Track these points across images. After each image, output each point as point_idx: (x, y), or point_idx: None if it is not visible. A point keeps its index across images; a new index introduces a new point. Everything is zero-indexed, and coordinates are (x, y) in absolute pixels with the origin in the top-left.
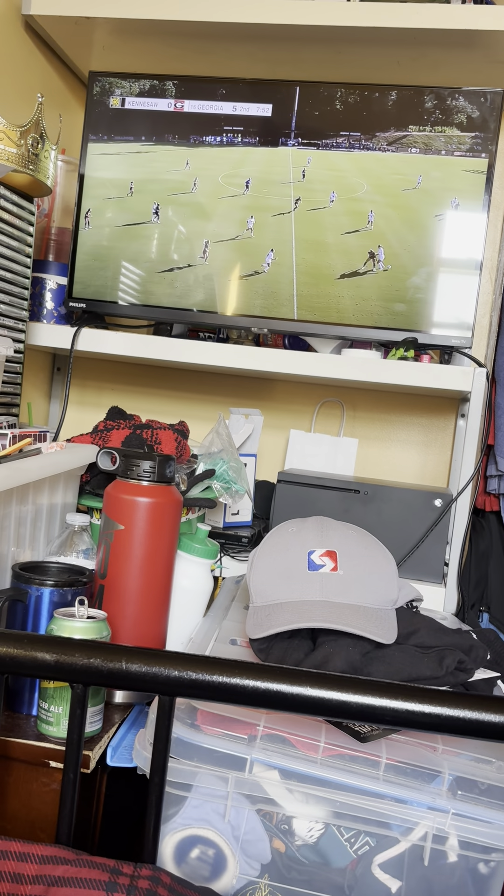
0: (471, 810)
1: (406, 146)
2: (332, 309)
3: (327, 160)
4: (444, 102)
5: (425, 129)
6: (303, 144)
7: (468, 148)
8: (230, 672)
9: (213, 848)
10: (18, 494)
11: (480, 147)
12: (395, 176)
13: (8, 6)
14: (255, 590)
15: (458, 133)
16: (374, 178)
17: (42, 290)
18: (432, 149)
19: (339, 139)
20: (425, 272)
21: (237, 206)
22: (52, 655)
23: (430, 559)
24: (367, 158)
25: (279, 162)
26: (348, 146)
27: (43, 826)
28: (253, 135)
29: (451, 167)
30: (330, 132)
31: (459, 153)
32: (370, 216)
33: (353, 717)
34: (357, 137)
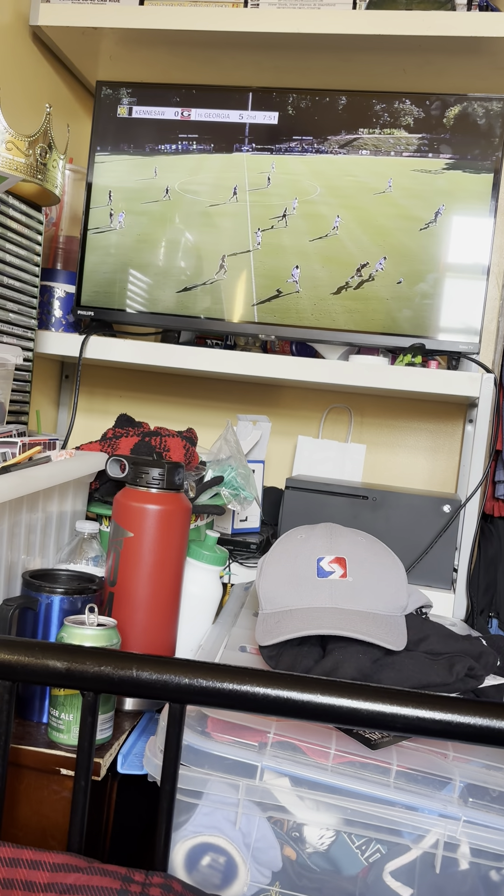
0: (482, 818)
1: (421, 151)
2: (339, 315)
3: (333, 165)
4: (449, 108)
5: (430, 134)
6: (306, 150)
7: (476, 154)
8: (240, 679)
9: (224, 855)
10: (28, 502)
11: (487, 153)
12: (407, 181)
13: (16, 17)
14: (265, 597)
15: (465, 138)
16: (380, 182)
17: (50, 299)
18: (440, 154)
19: (349, 145)
20: (432, 278)
21: (242, 215)
22: (63, 663)
23: (439, 565)
24: (370, 162)
25: (287, 170)
26: (351, 151)
27: (54, 833)
28: (257, 141)
29: (457, 171)
30: (335, 136)
31: (470, 158)
32: None
33: (363, 724)
34: (364, 143)
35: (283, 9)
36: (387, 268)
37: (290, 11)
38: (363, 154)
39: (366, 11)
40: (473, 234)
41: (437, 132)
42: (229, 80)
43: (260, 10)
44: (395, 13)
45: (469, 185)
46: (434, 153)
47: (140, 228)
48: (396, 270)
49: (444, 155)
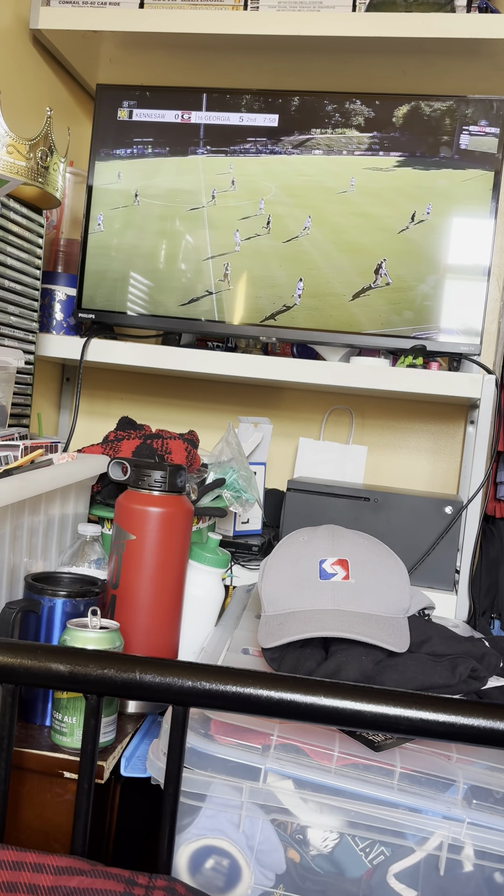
0: (486, 819)
1: (418, 153)
2: (341, 317)
3: (327, 165)
4: (451, 110)
5: (435, 136)
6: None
7: (478, 156)
8: (243, 682)
9: (228, 858)
10: (31, 505)
11: (486, 155)
12: (403, 185)
13: (16, 21)
14: (267, 599)
15: (466, 140)
16: (379, 184)
17: (51, 302)
18: (441, 157)
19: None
20: (433, 280)
21: (242, 216)
22: (65, 666)
23: (441, 566)
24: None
25: (283, 170)
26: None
27: (57, 837)
28: (263, 143)
29: (459, 175)
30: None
31: (469, 161)
32: None
33: (366, 726)
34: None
35: (282, 11)
36: (389, 270)
37: (289, 14)
38: (360, 155)
39: (365, 14)
40: (474, 235)
41: (440, 135)
42: (229, 82)
43: (259, 12)
44: (395, 15)
45: (468, 185)
46: (434, 155)
47: (140, 230)
48: (397, 272)
49: (444, 156)
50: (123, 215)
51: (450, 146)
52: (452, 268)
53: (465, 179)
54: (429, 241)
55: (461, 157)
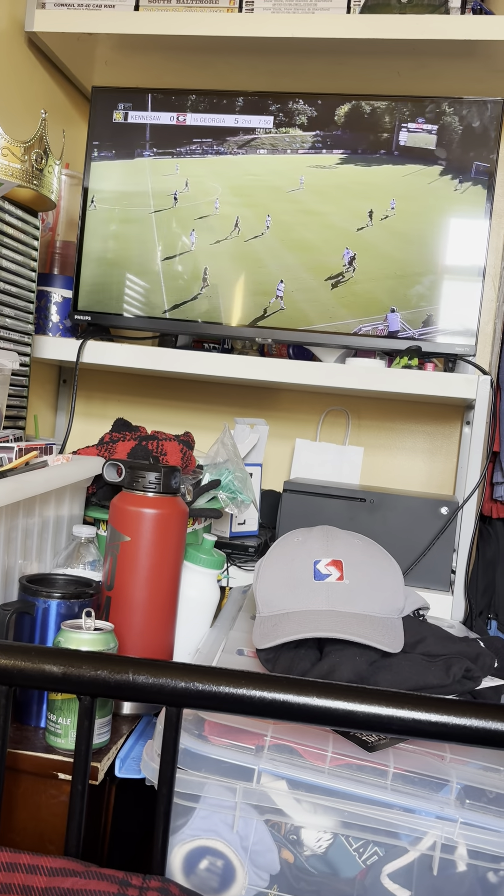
0: (479, 819)
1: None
2: (334, 316)
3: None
4: (443, 112)
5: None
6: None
7: (472, 157)
8: (237, 683)
9: (222, 859)
10: (25, 507)
11: (482, 156)
12: (396, 183)
13: (11, 23)
14: (262, 600)
15: (462, 142)
16: (369, 181)
17: (47, 304)
18: (438, 158)
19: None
20: (429, 280)
21: (237, 216)
22: (59, 668)
23: (437, 567)
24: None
25: (283, 171)
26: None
27: (52, 838)
28: (259, 144)
29: (454, 178)
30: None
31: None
32: None
33: (360, 726)
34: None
35: (277, 13)
36: (390, 269)
37: (284, 16)
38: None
39: (360, 16)
40: (469, 237)
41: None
42: (224, 84)
43: (255, 14)
44: (390, 17)
45: (464, 190)
46: (430, 164)
47: (136, 232)
48: (398, 272)
49: (441, 161)
50: (118, 217)
51: (453, 145)
52: (448, 269)
53: (463, 190)
54: (425, 242)
55: (463, 155)
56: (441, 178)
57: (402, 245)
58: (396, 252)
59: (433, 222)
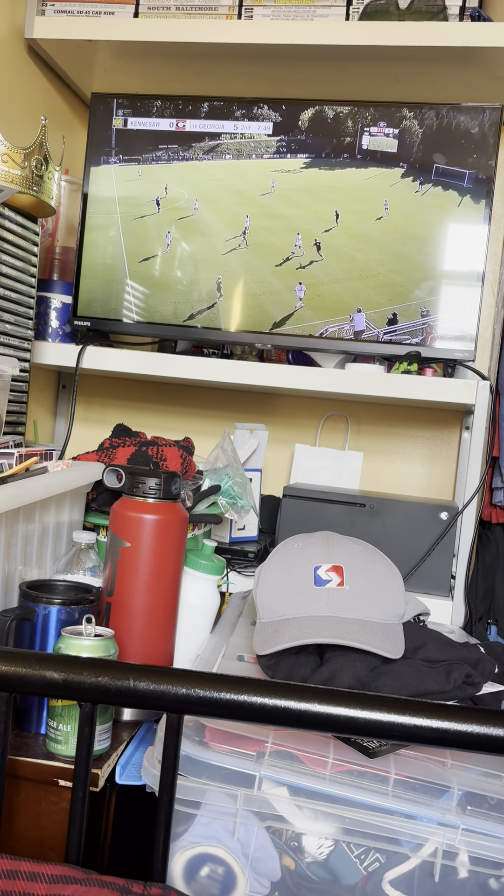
0: (481, 825)
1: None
2: None
3: (322, 177)
4: (444, 118)
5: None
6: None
7: (470, 162)
8: (238, 689)
9: (223, 866)
10: (25, 513)
11: (480, 161)
12: (395, 191)
13: (11, 30)
14: (262, 606)
15: (460, 147)
16: (363, 193)
17: (47, 309)
18: (438, 166)
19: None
20: (428, 286)
21: (237, 222)
22: (60, 674)
23: (437, 572)
24: (347, 175)
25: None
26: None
27: (52, 845)
28: (256, 149)
29: (453, 184)
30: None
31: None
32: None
33: (361, 732)
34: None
35: (276, 20)
36: (389, 274)
37: (283, 23)
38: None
39: (359, 22)
40: (468, 242)
41: (426, 147)
42: (224, 90)
43: (254, 21)
44: (388, 24)
45: (458, 198)
46: (422, 176)
47: (135, 238)
48: (397, 277)
49: (439, 166)
50: (118, 222)
51: (454, 151)
52: (447, 274)
53: (461, 202)
54: (423, 247)
55: (461, 161)
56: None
57: (402, 249)
58: (398, 256)
59: (432, 228)
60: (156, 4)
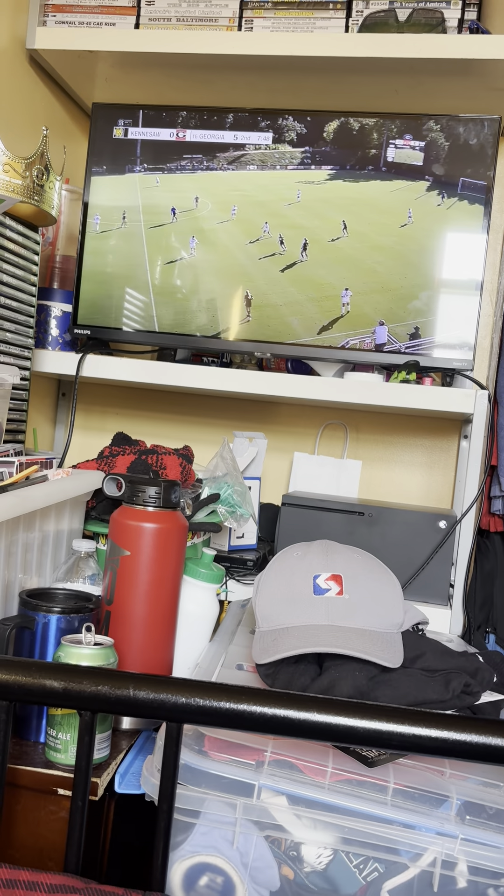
0: (479, 835)
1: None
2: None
3: (329, 188)
4: (442, 129)
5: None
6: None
7: (470, 173)
8: (237, 698)
9: (222, 875)
10: (25, 521)
11: (479, 172)
12: (400, 203)
13: (13, 41)
14: (261, 614)
15: (461, 158)
16: (367, 205)
17: (47, 318)
18: (434, 174)
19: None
20: (426, 295)
21: (236, 231)
22: (59, 683)
23: (436, 581)
24: (364, 188)
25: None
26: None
27: (51, 854)
28: (257, 159)
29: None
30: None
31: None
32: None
33: (360, 741)
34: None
35: (276, 32)
36: (388, 285)
37: (283, 35)
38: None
39: (358, 35)
40: (467, 251)
41: (434, 160)
42: (224, 101)
43: (254, 33)
44: (387, 36)
45: (464, 205)
46: (430, 180)
47: (135, 247)
48: (396, 287)
49: (437, 177)
50: (118, 232)
51: (449, 161)
52: (445, 283)
53: (458, 205)
54: (422, 256)
55: (459, 171)
56: (436, 193)
57: (400, 260)
58: (395, 266)
59: (432, 237)
60: (157, 16)
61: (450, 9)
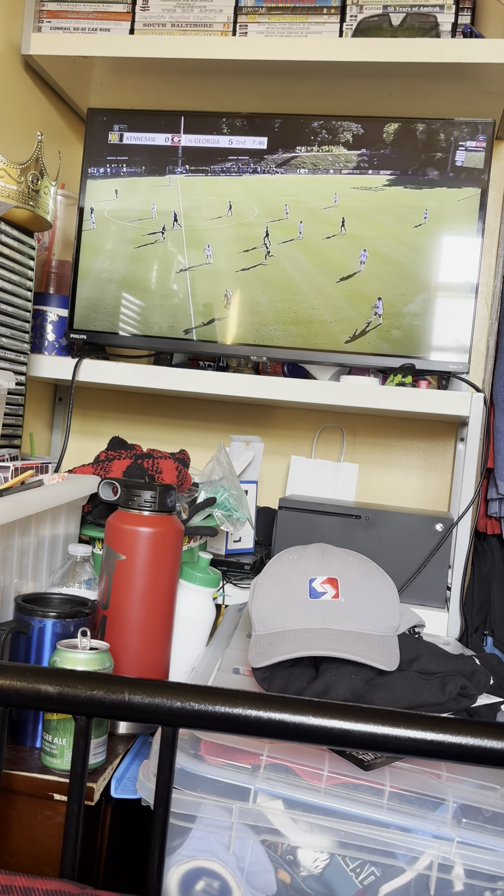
0: (476, 838)
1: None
2: (329, 336)
3: (328, 185)
4: (435, 132)
5: (424, 158)
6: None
7: (464, 177)
8: (233, 702)
9: (219, 880)
10: (21, 526)
11: (473, 175)
12: (399, 208)
13: (8, 47)
14: (257, 618)
15: (454, 161)
16: (373, 207)
17: (43, 323)
18: (429, 178)
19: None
20: (422, 299)
21: (231, 235)
22: (55, 688)
23: (433, 584)
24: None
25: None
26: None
27: (47, 860)
28: (252, 164)
29: (447, 196)
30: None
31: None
32: (362, 255)
33: (355, 745)
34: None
35: (270, 37)
36: (384, 289)
37: (277, 39)
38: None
39: (352, 39)
40: (461, 254)
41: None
42: (219, 106)
43: (248, 38)
44: (381, 41)
45: (459, 204)
46: (425, 175)
47: (131, 252)
48: (392, 291)
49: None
50: (114, 236)
51: (443, 165)
52: (441, 286)
53: (459, 199)
54: (417, 260)
55: (454, 175)
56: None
57: (395, 262)
58: (392, 268)
59: (426, 241)
60: (151, 21)
61: (443, 13)
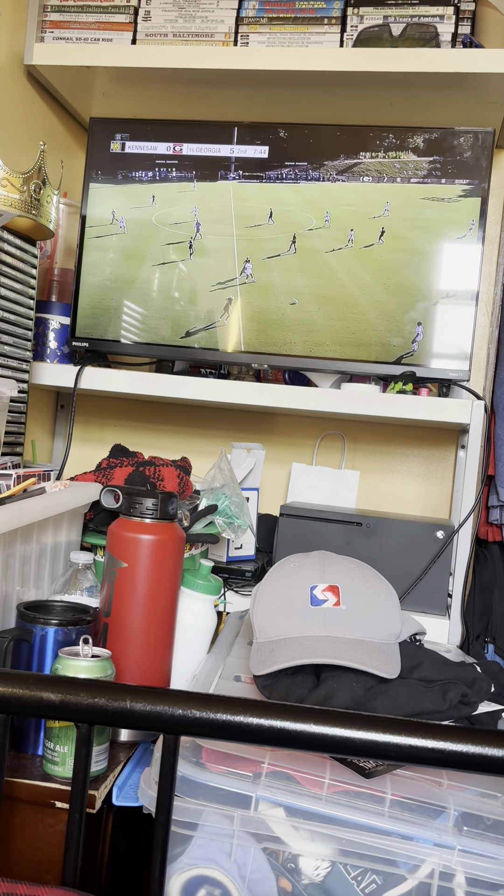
0: (477, 846)
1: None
2: (331, 343)
3: (333, 193)
4: (439, 141)
5: (426, 165)
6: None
7: (467, 184)
8: (234, 710)
9: (220, 888)
10: (23, 534)
11: (474, 183)
12: (402, 211)
13: (11, 57)
14: (259, 626)
15: (459, 170)
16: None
17: (45, 331)
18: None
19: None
20: (422, 307)
21: (233, 246)
22: (57, 695)
23: (434, 591)
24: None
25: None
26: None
27: (49, 867)
28: (251, 175)
29: (450, 202)
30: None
31: (461, 189)
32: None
33: (357, 753)
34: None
35: (272, 47)
36: (385, 297)
37: (278, 49)
38: (364, 181)
39: (353, 49)
40: (462, 263)
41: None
42: (221, 115)
43: (249, 48)
44: (382, 51)
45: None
46: (439, 180)
47: (133, 260)
48: (392, 298)
49: (455, 181)
50: (115, 245)
51: (439, 170)
52: (442, 294)
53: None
54: (418, 267)
55: None
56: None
57: (397, 270)
58: (392, 277)
59: (427, 249)
60: (153, 31)
61: (443, 23)
